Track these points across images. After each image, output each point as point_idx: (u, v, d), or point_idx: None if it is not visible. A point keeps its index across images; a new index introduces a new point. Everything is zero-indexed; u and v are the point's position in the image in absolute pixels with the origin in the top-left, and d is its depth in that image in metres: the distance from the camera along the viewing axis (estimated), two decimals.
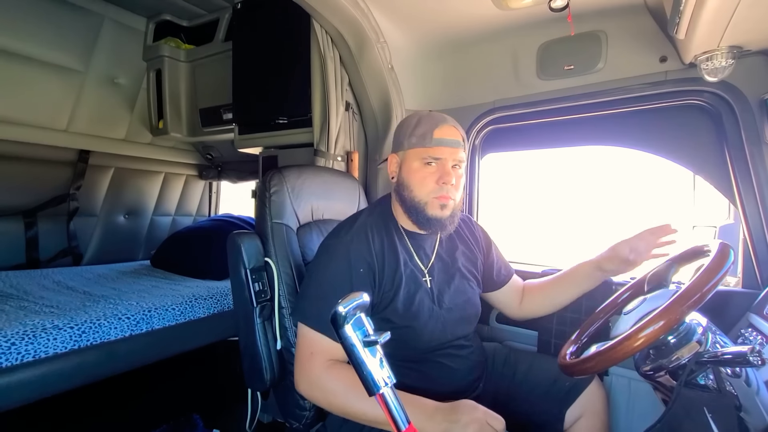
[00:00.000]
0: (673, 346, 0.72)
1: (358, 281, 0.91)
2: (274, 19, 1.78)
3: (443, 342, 1.00)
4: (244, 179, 2.94)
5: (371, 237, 0.96)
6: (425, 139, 0.95)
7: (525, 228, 1.85)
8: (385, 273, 0.95)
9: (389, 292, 0.95)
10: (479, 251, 1.14)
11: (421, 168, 0.95)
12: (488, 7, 1.29)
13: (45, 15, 1.96)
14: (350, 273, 0.91)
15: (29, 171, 2.23)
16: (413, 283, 0.98)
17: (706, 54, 1.05)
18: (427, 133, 0.95)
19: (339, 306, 0.56)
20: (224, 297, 1.84)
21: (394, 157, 1.02)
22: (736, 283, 1.21)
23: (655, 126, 1.32)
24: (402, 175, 0.99)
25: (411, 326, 0.95)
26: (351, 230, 0.97)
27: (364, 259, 0.93)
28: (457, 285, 1.05)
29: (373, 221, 1.01)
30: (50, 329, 1.28)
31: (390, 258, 0.96)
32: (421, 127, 0.97)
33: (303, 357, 0.90)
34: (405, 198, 0.98)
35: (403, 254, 0.99)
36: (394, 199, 1.05)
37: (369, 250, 0.94)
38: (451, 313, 1.01)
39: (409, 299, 0.96)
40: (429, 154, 0.95)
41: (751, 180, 1.12)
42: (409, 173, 0.97)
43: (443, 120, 0.98)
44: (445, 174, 0.94)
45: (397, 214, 1.04)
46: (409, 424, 0.59)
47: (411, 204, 0.97)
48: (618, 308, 0.95)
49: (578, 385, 1.06)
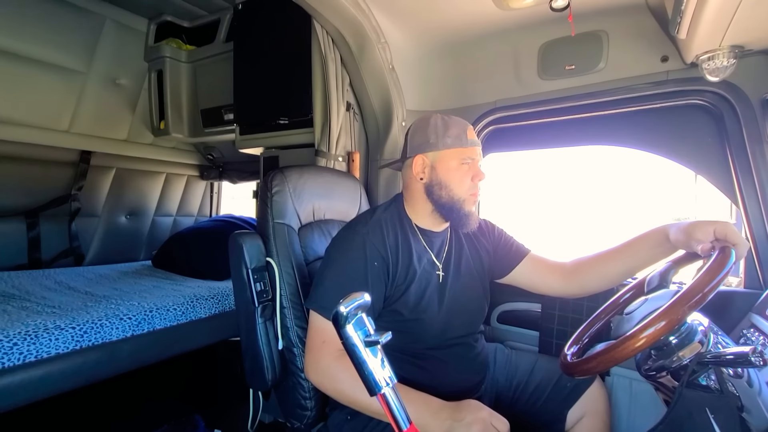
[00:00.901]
0: (675, 346, 0.71)
1: (373, 274, 0.93)
2: (275, 20, 1.78)
3: (450, 338, 1.01)
4: (246, 180, 2.95)
5: (386, 232, 0.98)
6: (461, 140, 1.00)
7: (527, 227, 1.85)
8: (399, 267, 0.97)
9: (401, 285, 0.97)
10: (489, 243, 1.15)
11: (459, 167, 1.00)
12: (489, 7, 1.29)
13: (46, 16, 1.97)
14: (366, 266, 0.92)
15: (31, 172, 2.24)
16: (425, 278, 1.00)
17: (707, 54, 1.05)
18: (461, 134, 1.00)
19: (340, 306, 0.56)
20: (226, 297, 1.84)
21: (422, 158, 1.02)
22: (738, 284, 1.21)
23: (656, 126, 1.32)
24: (437, 175, 1.01)
25: (420, 318, 0.97)
26: (367, 224, 0.99)
27: (378, 253, 0.95)
28: (465, 282, 1.07)
29: (388, 217, 1.03)
30: (52, 329, 1.29)
31: (404, 253, 0.98)
32: (452, 128, 1.01)
33: (314, 345, 0.91)
34: (440, 197, 1.00)
35: (417, 250, 1.01)
36: (409, 198, 1.07)
37: (384, 244, 0.96)
38: (458, 309, 1.03)
39: (419, 293, 0.98)
40: (467, 155, 1.00)
41: (752, 180, 1.12)
42: (447, 173, 1.00)
43: (467, 122, 1.04)
44: (479, 172, 1.01)
45: (412, 212, 1.06)
46: (411, 424, 0.59)
47: (448, 202, 1.00)
48: (619, 308, 0.94)
49: (580, 386, 1.06)
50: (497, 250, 1.15)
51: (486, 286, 1.13)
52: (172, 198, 2.97)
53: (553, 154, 1.69)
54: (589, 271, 1.09)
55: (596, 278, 1.08)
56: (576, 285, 1.10)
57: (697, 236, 0.83)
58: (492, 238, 1.17)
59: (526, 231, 1.35)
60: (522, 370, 1.14)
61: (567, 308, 1.29)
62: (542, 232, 1.99)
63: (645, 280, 0.92)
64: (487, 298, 1.13)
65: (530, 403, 1.09)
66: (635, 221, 1.27)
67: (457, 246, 1.10)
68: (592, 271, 1.08)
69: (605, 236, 1.29)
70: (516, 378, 1.13)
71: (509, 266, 1.15)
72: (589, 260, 1.10)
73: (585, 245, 1.20)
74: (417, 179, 1.03)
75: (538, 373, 1.12)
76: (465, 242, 1.12)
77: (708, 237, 0.82)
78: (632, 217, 1.73)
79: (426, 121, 1.04)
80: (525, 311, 1.46)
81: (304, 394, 1.05)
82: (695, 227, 0.85)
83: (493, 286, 1.17)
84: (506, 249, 1.16)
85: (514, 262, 1.15)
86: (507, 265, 1.15)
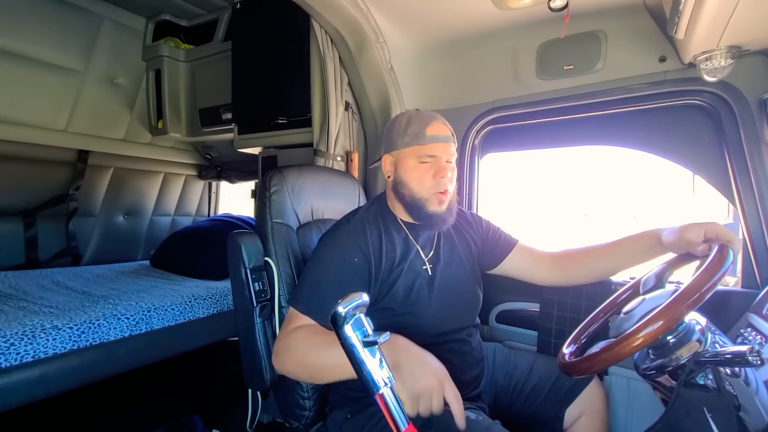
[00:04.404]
0: (673, 345, 0.72)
1: (351, 270, 0.92)
2: (273, 19, 1.78)
3: (446, 331, 1.00)
4: (244, 179, 2.94)
5: (368, 229, 0.98)
6: (419, 138, 0.97)
7: (526, 227, 1.86)
8: (383, 263, 0.96)
9: (387, 280, 0.96)
10: (477, 235, 1.15)
11: (418, 166, 0.98)
12: (488, 7, 1.29)
13: (44, 15, 1.96)
14: (343, 262, 0.93)
15: (28, 171, 2.23)
16: (413, 272, 0.99)
17: (705, 54, 1.05)
18: (420, 131, 0.98)
19: (339, 306, 0.56)
20: (224, 297, 1.83)
21: (388, 157, 1.04)
22: (735, 283, 1.21)
23: (654, 126, 1.32)
24: (399, 174, 1.01)
25: (411, 312, 0.97)
26: (349, 223, 1.00)
27: (359, 249, 0.94)
28: (456, 273, 1.06)
29: (371, 215, 1.03)
30: (49, 329, 1.28)
31: (388, 248, 0.98)
32: (412, 126, 0.99)
33: (282, 332, 0.91)
34: (404, 195, 1.00)
35: (402, 245, 1.01)
36: (390, 195, 1.06)
37: (365, 240, 0.96)
38: (451, 300, 1.02)
39: (408, 286, 0.97)
40: (424, 153, 0.97)
41: (750, 180, 1.13)
42: (406, 172, 0.99)
43: (433, 117, 1.00)
44: (441, 169, 0.97)
45: (395, 208, 1.06)
46: (409, 423, 0.59)
47: (411, 201, 0.99)
48: (617, 308, 0.95)
49: (578, 385, 1.06)
50: (486, 242, 1.16)
51: (478, 277, 1.13)
52: (170, 197, 2.96)
53: (551, 153, 1.69)
54: (577, 264, 1.12)
55: (583, 272, 1.11)
56: (562, 276, 1.14)
57: (689, 237, 0.85)
58: (480, 230, 1.16)
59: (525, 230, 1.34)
60: (520, 369, 1.14)
61: (565, 308, 1.29)
62: (539, 230, 1.99)
63: (640, 282, 0.92)
64: (480, 288, 1.12)
65: (528, 402, 1.09)
66: (634, 221, 1.28)
67: (446, 238, 1.09)
68: (581, 264, 1.11)
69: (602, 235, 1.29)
70: (514, 377, 1.13)
71: (499, 258, 1.16)
72: (578, 253, 1.12)
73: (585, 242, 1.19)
74: (386, 178, 1.05)
75: (537, 373, 1.12)
76: (455, 234, 1.12)
77: (699, 237, 0.84)
78: (631, 216, 1.73)
79: (395, 120, 1.04)
80: (523, 311, 1.46)
81: (303, 394, 1.05)
82: (686, 230, 0.87)
83: (492, 285, 1.17)
84: (495, 241, 1.16)
85: (503, 253, 1.15)
86: (497, 257, 1.16)
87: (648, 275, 0.92)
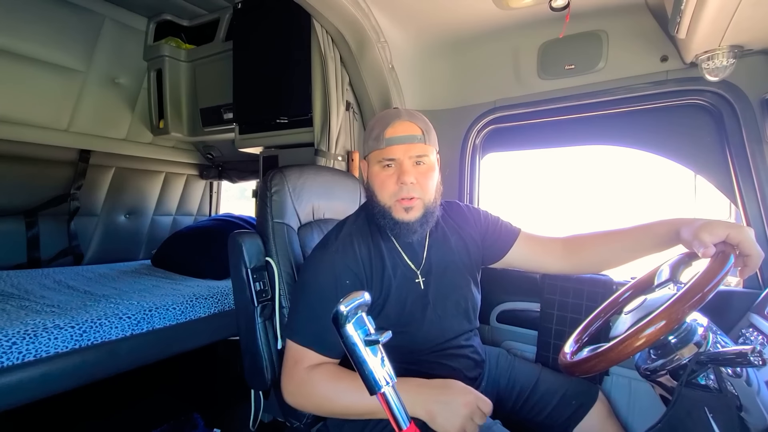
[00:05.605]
0: (674, 346, 0.72)
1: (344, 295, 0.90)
2: (274, 19, 1.78)
3: (441, 342, 0.98)
4: (245, 179, 2.95)
5: (357, 245, 0.94)
6: (379, 141, 0.92)
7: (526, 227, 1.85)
8: (374, 280, 0.92)
9: (378, 299, 0.93)
10: (476, 231, 1.10)
11: (380, 171, 0.93)
12: (489, 7, 1.29)
13: (46, 15, 1.97)
14: (336, 286, 0.89)
15: (30, 171, 2.23)
16: (404, 287, 0.95)
17: (707, 53, 1.05)
18: (379, 134, 0.92)
19: (340, 305, 0.56)
20: (225, 296, 1.84)
21: (364, 163, 1.00)
22: (737, 283, 1.21)
23: (656, 125, 1.32)
24: (368, 181, 0.97)
25: (406, 331, 0.93)
26: (337, 240, 0.95)
27: (350, 270, 0.91)
28: (452, 280, 1.02)
29: (358, 228, 0.98)
30: (51, 329, 1.28)
31: (377, 264, 0.94)
32: (375, 128, 0.94)
33: (287, 367, 0.90)
34: (375, 204, 0.95)
35: (391, 258, 0.97)
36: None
37: (355, 258, 0.92)
38: (447, 312, 0.99)
39: (400, 304, 0.94)
40: (383, 156, 0.92)
41: (752, 179, 1.12)
42: (371, 178, 0.95)
43: (396, 116, 0.93)
44: (402, 174, 0.90)
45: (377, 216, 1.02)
46: (411, 422, 0.59)
47: (379, 209, 0.94)
48: (619, 308, 0.94)
49: (584, 405, 1.03)
50: (486, 236, 1.09)
51: (476, 278, 1.08)
52: (171, 197, 2.97)
53: (552, 153, 1.69)
54: (589, 249, 1.04)
55: (593, 257, 1.03)
56: (570, 264, 1.07)
57: (703, 237, 0.76)
58: (478, 225, 1.10)
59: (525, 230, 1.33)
60: (525, 378, 1.10)
61: (566, 308, 1.29)
62: (538, 230, 1.99)
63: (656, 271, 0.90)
64: (479, 291, 1.08)
65: (534, 413, 1.05)
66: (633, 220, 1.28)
67: (438, 241, 1.04)
68: (592, 249, 1.03)
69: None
70: (518, 385, 1.10)
71: (503, 250, 1.10)
72: (590, 237, 1.05)
73: None
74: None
75: (542, 385, 1.08)
76: (450, 235, 1.06)
77: (717, 240, 0.75)
78: (632, 216, 1.73)
79: (370, 122, 1.02)
80: (524, 311, 1.46)
81: None
82: (705, 228, 0.77)
83: (492, 285, 1.16)
84: (496, 233, 1.10)
85: (507, 245, 1.09)
86: (500, 249, 1.10)
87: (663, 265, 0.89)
